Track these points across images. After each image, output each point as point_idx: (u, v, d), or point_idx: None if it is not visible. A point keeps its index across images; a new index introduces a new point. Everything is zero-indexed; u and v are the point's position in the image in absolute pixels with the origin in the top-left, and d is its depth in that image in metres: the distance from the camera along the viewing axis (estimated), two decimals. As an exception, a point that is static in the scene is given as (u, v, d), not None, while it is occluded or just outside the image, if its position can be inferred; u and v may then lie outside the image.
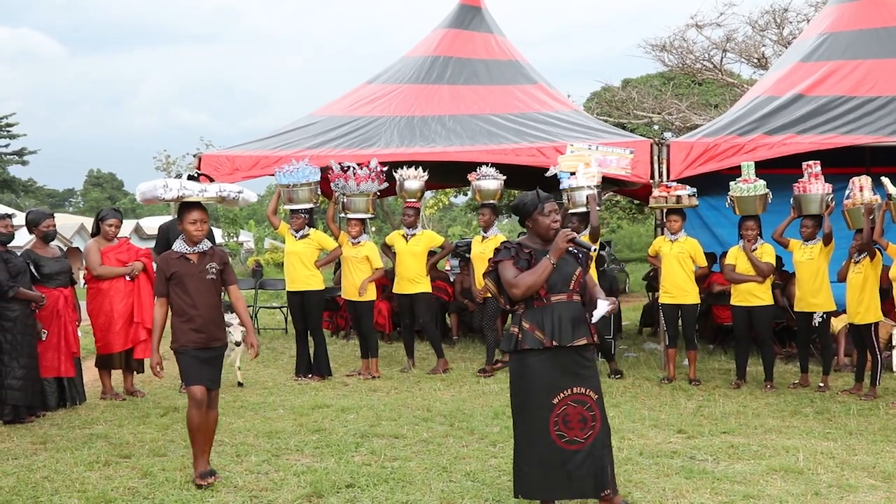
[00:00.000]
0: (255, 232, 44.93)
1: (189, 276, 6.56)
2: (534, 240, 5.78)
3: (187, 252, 6.61)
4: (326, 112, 14.75)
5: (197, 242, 6.61)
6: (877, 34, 12.83)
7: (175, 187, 6.42)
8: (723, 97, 29.67)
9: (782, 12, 26.83)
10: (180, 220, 6.60)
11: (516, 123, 13.48)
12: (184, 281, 6.54)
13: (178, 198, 6.45)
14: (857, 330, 10.14)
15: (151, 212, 63.00)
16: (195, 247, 6.62)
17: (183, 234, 6.64)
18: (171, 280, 6.54)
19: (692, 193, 10.82)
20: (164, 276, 6.57)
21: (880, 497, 6.31)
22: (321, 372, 11.20)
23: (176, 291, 6.54)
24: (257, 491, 6.46)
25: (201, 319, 6.57)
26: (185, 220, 6.56)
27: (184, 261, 6.60)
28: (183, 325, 6.55)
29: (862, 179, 10.07)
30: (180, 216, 6.61)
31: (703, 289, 12.20)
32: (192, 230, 6.57)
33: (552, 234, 5.67)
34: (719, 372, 11.62)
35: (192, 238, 6.59)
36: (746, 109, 12.52)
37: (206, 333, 6.59)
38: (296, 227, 11.19)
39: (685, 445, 7.73)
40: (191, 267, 6.59)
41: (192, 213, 6.57)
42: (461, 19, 15.77)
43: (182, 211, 6.60)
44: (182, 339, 6.57)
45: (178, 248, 6.62)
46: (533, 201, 5.72)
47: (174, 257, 6.60)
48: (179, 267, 6.57)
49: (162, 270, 6.60)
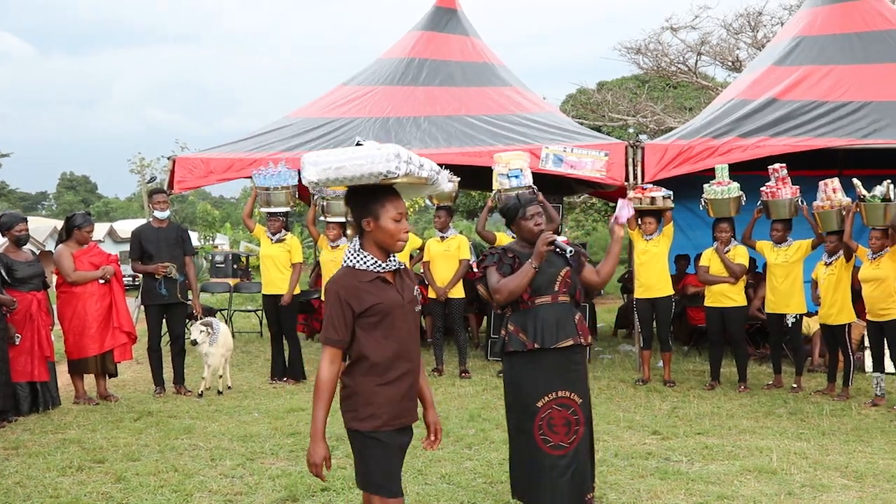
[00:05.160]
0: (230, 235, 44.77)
1: (396, 308, 4.15)
2: (521, 243, 5.79)
3: (382, 271, 4.16)
4: (302, 114, 14.73)
5: (400, 251, 4.24)
6: (849, 39, 13.00)
7: (405, 159, 4.04)
8: (697, 100, 29.79)
9: (756, 15, 26.99)
10: (368, 216, 4.14)
11: (491, 125, 13.50)
12: (390, 317, 4.13)
13: (404, 175, 4.03)
14: (830, 331, 10.23)
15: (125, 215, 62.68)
16: (391, 262, 4.21)
17: (360, 242, 4.22)
18: (366, 317, 4.09)
19: (667, 195, 10.87)
20: (342, 315, 4.08)
21: (853, 496, 6.36)
22: (296, 375, 11.18)
23: (373, 336, 4.10)
24: (232, 495, 6.43)
25: (412, 379, 4.26)
26: (382, 215, 4.10)
27: (381, 284, 4.15)
28: (382, 389, 4.13)
29: (834, 182, 10.17)
30: (368, 209, 4.14)
31: (677, 291, 12.27)
32: (401, 231, 4.17)
33: (536, 237, 5.68)
34: (694, 373, 11.68)
35: (397, 244, 4.18)
36: (720, 112, 12.61)
37: (412, 402, 4.30)
38: (272, 231, 11.16)
39: (660, 447, 7.76)
40: (393, 294, 4.18)
41: (396, 203, 4.16)
42: (436, 21, 15.77)
43: (368, 201, 4.15)
44: (379, 413, 4.13)
45: (366, 265, 4.13)
46: (515, 206, 5.73)
47: (366, 280, 4.11)
48: (379, 295, 4.12)
49: (334, 304, 4.10)
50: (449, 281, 11.42)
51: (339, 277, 4.15)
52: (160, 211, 10.47)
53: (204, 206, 47.39)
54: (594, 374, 11.36)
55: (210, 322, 10.27)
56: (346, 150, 4.10)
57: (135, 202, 66.18)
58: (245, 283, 19.31)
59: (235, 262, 25.30)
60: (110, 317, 9.94)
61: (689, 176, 11.92)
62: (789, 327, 10.57)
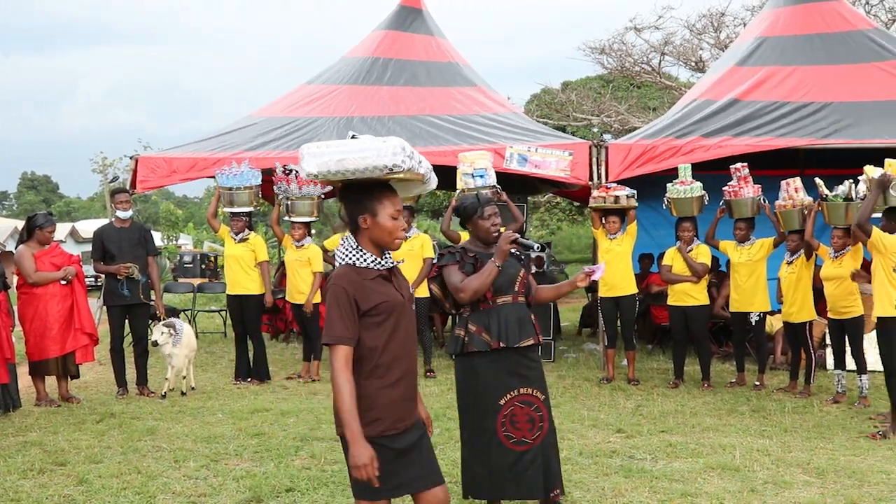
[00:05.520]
0: (194, 235, 44.49)
1: (399, 306, 4.08)
2: (476, 243, 5.80)
3: (382, 268, 4.08)
4: (265, 113, 14.66)
5: (397, 248, 4.17)
6: (810, 40, 13.16)
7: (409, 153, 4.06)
8: (661, 100, 29.96)
9: (719, 16, 27.18)
10: (364, 213, 4.04)
11: (456, 125, 13.50)
12: (394, 315, 4.05)
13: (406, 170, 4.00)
14: (792, 329, 10.33)
15: (87, 215, 62.14)
16: (387, 259, 4.14)
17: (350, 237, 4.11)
18: (371, 316, 3.98)
19: (630, 194, 10.91)
20: (351, 311, 3.94)
21: (814, 493, 6.42)
22: (260, 376, 11.13)
23: (376, 336, 3.99)
24: (196, 496, 6.39)
25: (412, 379, 4.18)
26: (380, 211, 4.02)
27: (383, 282, 4.08)
28: (384, 391, 4.01)
29: (796, 181, 10.27)
30: (365, 206, 4.05)
31: (641, 289, 12.34)
32: (399, 228, 4.11)
33: (493, 238, 5.70)
34: (658, 372, 11.74)
35: (395, 241, 4.12)
36: (684, 112, 12.70)
37: (412, 403, 4.19)
38: (236, 231, 11.11)
39: (624, 445, 7.80)
40: (394, 292, 4.10)
41: (394, 200, 4.10)
42: (401, 21, 15.75)
43: (365, 198, 4.06)
44: (383, 417, 4.01)
45: (367, 263, 4.04)
46: (473, 205, 5.74)
47: (369, 277, 4.02)
48: (383, 293, 4.04)
49: (342, 301, 3.94)
50: (414, 280, 11.41)
51: (342, 275, 3.99)
52: (122, 211, 10.38)
53: (167, 205, 47.02)
54: (559, 373, 11.42)
55: (172, 323, 10.20)
56: (347, 142, 4.00)
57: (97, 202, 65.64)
58: (209, 284, 19.21)
59: (204, 262, 25.16)
60: (72, 318, 9.84)
61: (652, 175, 11.99)
62: (753, 325, 10.66)
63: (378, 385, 3.99)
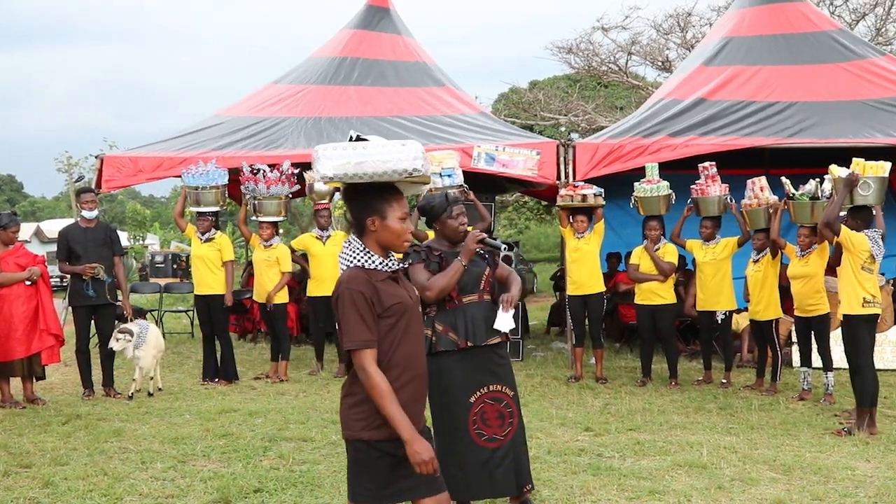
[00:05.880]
0: (160, 235, 44.23)
1: (410, 307, 4.04)
2: (441, 242, 5.80)
3: (390, 270, 4.02)
4: (232, 113, 14.59)
5: (405, 251, 4.21)
6: (775, 40, 13.29)
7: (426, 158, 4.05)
8: (628, 99, 30.10)
9: (686, 16, 27.36)
10: (373, 215, 3.97)
11: (423, 126, 13.50)
12: (405, 317, 4.00)
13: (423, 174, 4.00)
14: (758, 326, 10.41)
15: (52, 215, 61.56)
16: (392, 261, 4.06)
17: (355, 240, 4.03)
18: (384, 318, 3.92)
19: (598, 193, 10.95)
20: (371, 313, 3.88)
21: (780, 489, 6.47)
22: (228, 376, 11.08)
23: (388, 338, 3.93)
24: (163, 498, 6.36)
25: (422, 381, 4.11)
26: (389, 214, 3.97)
27: (393, 284, 4.03)
28: (398, 392, 3.88)
29: (761, 180, 10.36)
30: (373, 208, 3.98)
31: (608, 288, 12.38)
32: (406, 230, 4.05)
33: (460, 237, 5.71)
34: (625, 370, 11.79)
35: (403, 244, 4.07)
36: (651, 112, 12.77)
37: (422, 405, 4.13)
38: (202, 230, 11.05)
39: (592, 443, 7.83)
40: (404, 293, 4.05)
41: (401, 202, 4.04)
42: (368, 20, 15.72)
43: (373, 199, 3.99)
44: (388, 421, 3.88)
45: (376, 264, 3.97)
46: (441, 204, 5.75)
47: (379, 279, 3.96)
48: (395, 295, 3.99)
49: (361, 304, 3.87)
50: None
51: (354, 277, 3.90)
52: (88, 211, 10.29)
53: (134, 205, 46.77)
54: (527, 372, 11.44)
55: (128, 329, 10.04)
56: (366, 145, 3.94)
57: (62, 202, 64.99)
58: (176, 284, 19.08)
59: (175, 262, 25.03)
60: (37, 319, 9.73)
61: (619, 174, 12.04)
62: (719, 324, 10.73)
63: (398, 384, 3.91)
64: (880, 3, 26.03)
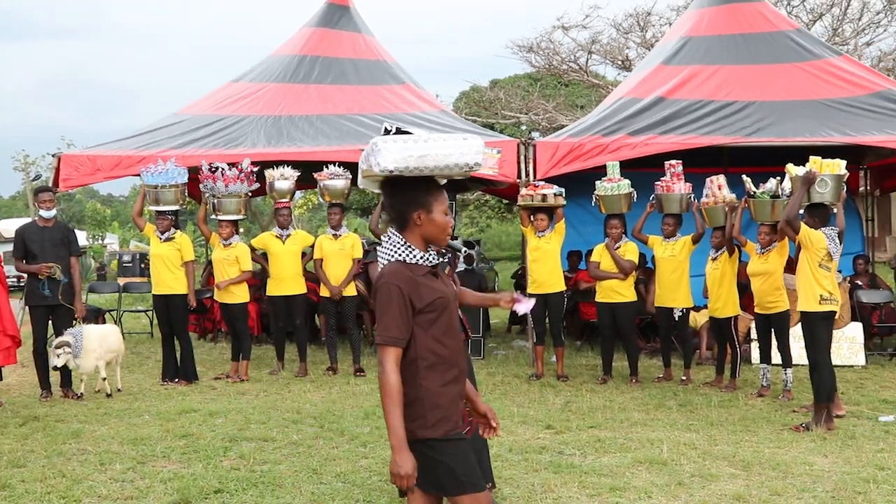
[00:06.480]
0: (119, 234, 43.86)
1: (451, 302, 3.99)
2: None
3: (431, 264, 3.96)
4: (191, 111, 14.48)
5: (445, 245, 4.10)
6: (734, 40, 13.40)
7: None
8: (588, 98, 30.26)
9: (645, 16, 27.56)
10: (419, 209, 3.92)
11: (384, 124, 13.45)
12: (447, 312, 3.94)
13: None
14: (717, 324, 10.50)
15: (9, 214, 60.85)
16: (432, 255, 3.99)
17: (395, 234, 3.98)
18: (425, 313, 3.86)
19: (558, 192, 10.98)
20: (406, 311, 3.82)
21: (740, 484, 6.53)
22: (188, 376, 11.00)
23: (432, 334, 3.88)
24: (122, 499, 6.32)
25: (465, 375, 4.09)
26: (435, 208, 3.94)
27: (433, 279, 3.96)
28: (446, 388, 3.91)
29: (719, 178, 10.45)
30: (419, 202, 3.93)
31: (569, 286, 12.43)
32: (449, 223, 4.01)
33: None
34: (586, 368, 11.83)
35: (445, 237, 4.03)
36: (610, 110, 12.82)
37: (463, 402, 4.13)
38: (161, 229, 10.96)
39: (553, 441, 7.85)
40: (444, 288, 3.99)
41: (444, 196, 4.03)
42: (329, 18, 15.66)
43: (419, 194, 3.95)
44: (449, 415, 3.93)
45: (417, 259, 3.93)
46: None
47: (420, 274, 3.91)
48: (436, 289, 3.93)
49: (399, 300, 3.82)
50: (343, 279, 11.36)
51: (394, 272, 3.86)
52: (46, 210, 10.19)
53: (93, 204, 46.30)
54: (488, 371, 11.45)
55: (64, 342, 9.86)
56: (427, 138, 3.91)
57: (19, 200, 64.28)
58: (135, 283, 18.90)
59: (143, 261, 24.80)
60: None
61: (580, 173, 12.07)
62: (676, 321, 10.80)
63: (439, 382, 3.87)
64: (837, 4, 26.36)
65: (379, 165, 3.85)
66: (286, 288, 11.50)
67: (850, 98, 12.55)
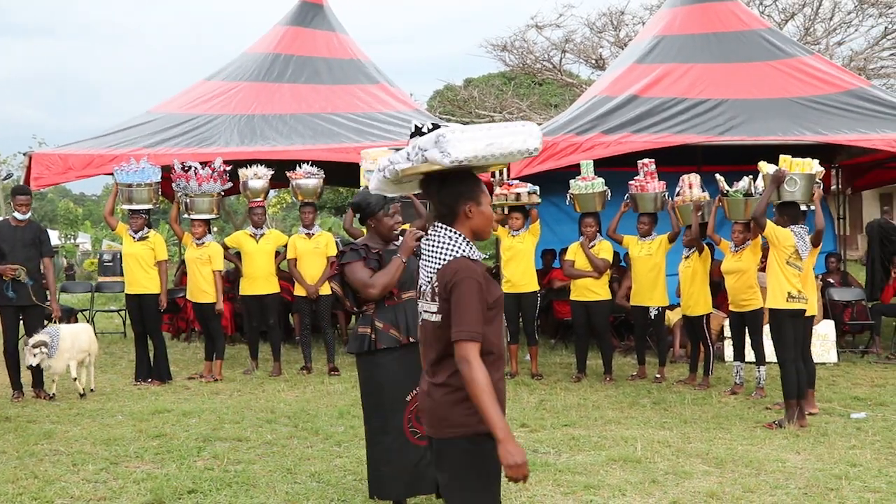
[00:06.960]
0: (91, 233, 43.60)
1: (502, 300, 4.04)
2: (374, 240, 5.81)
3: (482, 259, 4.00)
4: (164, 109, 14.42)
5: (488, 238, 4.19)
6: (707, 39, 13.49)
7: None
8: (562, 97, 30.31)
9: (619, 15, 27.65)
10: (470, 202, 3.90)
11: (358, 123, 13.47)
12: (501, 310, 4.00)
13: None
14: (690, 322, 10.54)
15: (-19, 213, 60.28)
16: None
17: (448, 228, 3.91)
18: (490, 309, 3.84)
19: (532, 191, 10.98)
20: (485, 307, 3.79)
21: (713, 482, 6.56)
22: (161, 376, 10.94)
23: (492, 330, 3.84)
24: (95, 500, 6.28)
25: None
26: (483, 200, 3.94)
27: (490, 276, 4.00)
28: (500, 384, 3.91)
29: (691, 177, 10.51)
30: (469, 195, 3.91)
31: (543, 285, 12.45)
32: (493, 215, 4.12)
33: (394, 236, 5.73)
34: (560, 366, 11.86)
35: (490, 230, 4.09)
36: (584, 109, 12.83)
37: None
38: (135, 228, 10.90)
39: (528, 439, 7.86)
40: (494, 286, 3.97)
41: (486, 190, 4.03)
42: (302, 17, 15.63)
43: (468, 187, 3.93)
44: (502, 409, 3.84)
45: (477, 254, 3.92)
46: (378, 202, 5.76)
47: (483, 269, 3.91)
48: (497, 286, 3.97)
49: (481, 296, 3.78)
50: (319, 278, 11.35)
51: (468, 267, 3.78)
52: (21, 213, 10.10)
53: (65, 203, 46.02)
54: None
55: (41, 342, 9.81)
56: (490, 127, 3.87)
57: (-11, 200, 63.81)
58: (107, 283, 18.80)
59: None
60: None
61: (554, 171, 12.08)
62: (652, 319, 10.83)
63: (497, 377, 3.82)
64: (808, 3, 26.51)
65: (450, 156, 3.76)
66: (259, 287, 11.47)
67: (822, 96, 12.65)
